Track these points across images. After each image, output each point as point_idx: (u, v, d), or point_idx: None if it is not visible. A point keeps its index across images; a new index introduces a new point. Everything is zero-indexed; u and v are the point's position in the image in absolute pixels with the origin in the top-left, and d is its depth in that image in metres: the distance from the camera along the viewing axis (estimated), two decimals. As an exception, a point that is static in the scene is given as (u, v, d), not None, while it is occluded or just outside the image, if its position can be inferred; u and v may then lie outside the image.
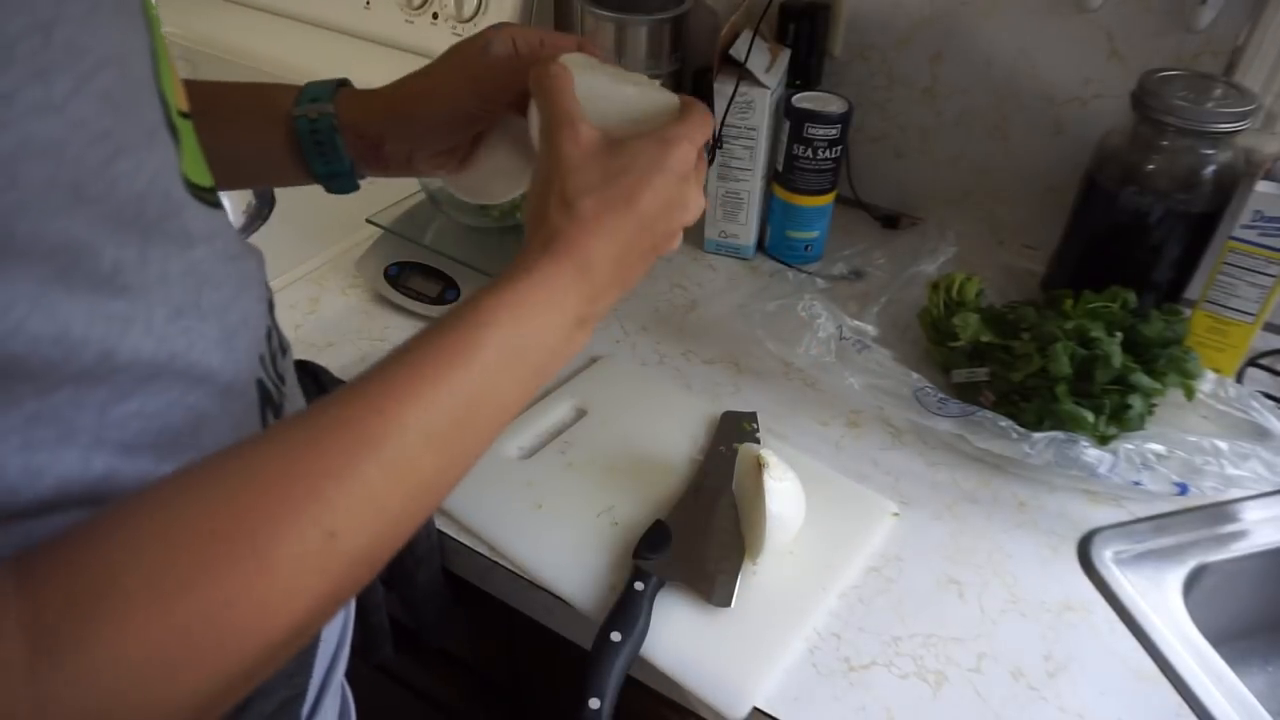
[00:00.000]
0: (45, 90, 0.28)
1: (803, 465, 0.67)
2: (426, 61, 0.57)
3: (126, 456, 0.35)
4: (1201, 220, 0.78)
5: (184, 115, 0.39)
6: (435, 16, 1.14)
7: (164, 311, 0.35)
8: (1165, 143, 0.77)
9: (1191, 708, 0.56)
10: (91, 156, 0.30)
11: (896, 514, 0.67)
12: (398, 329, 0.86)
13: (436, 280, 0.85)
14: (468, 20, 1.11)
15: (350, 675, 0.54)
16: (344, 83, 0.60)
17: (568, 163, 0.46)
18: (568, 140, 0.46)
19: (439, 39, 1.13)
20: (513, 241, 0.89)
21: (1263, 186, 0.73)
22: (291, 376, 0.50)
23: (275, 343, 0.46)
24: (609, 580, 0.62)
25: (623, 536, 0.64)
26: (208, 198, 0.40)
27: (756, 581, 0.62)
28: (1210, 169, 0.76)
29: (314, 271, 0.93)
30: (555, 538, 0.65)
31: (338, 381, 0.62)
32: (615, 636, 0.55)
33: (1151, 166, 0.78)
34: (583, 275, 0.44)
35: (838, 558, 0.63)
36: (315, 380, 0.61)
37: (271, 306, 0.48)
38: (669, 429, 0.74)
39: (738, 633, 0.58)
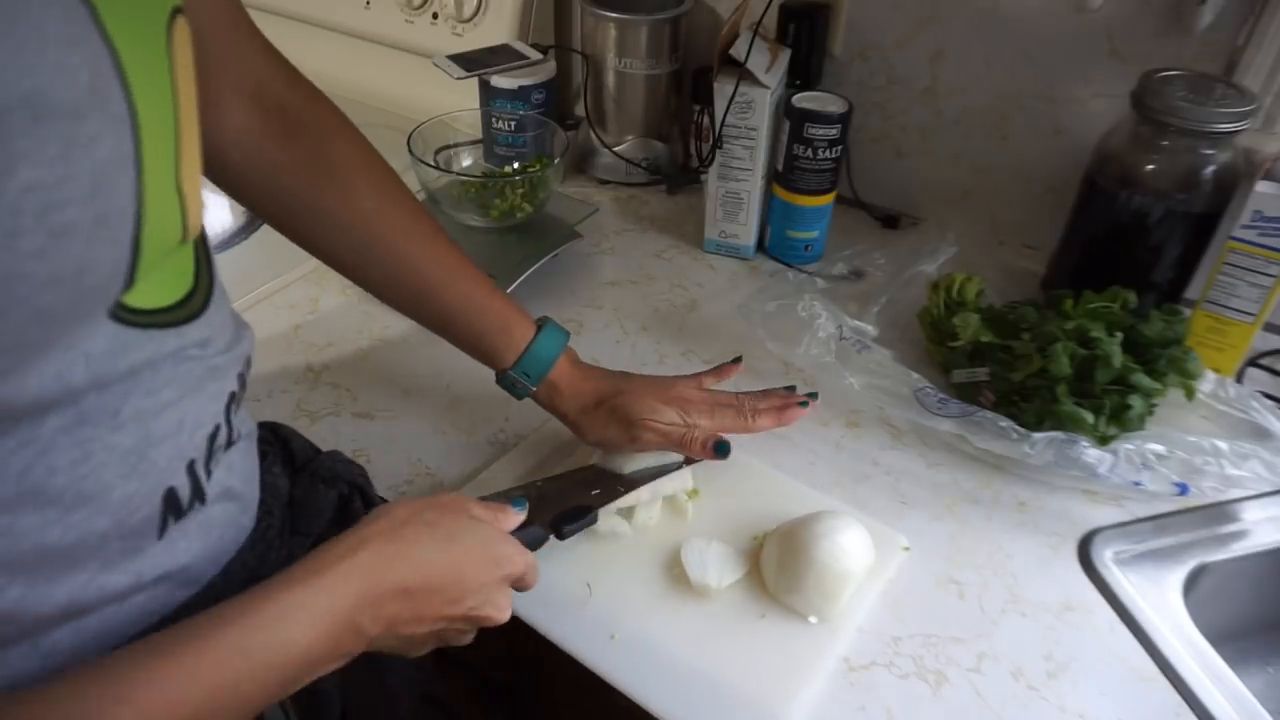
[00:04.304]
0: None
1: (813, 500, 0.67)
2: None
3: None
4: (1201, 220, 0.78)
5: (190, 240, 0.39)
6: (435, 16, 1.14)
7: (57, 422, 0.34)
8: (1165, 143, 0.77)
9: (1191, 708, 0.56)
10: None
11: (907, 548, 0.65)
12: (398, 329, 0.86)
13: (436, 280, 0.85)
14: (467, 20, 1.11)
15: (347, 673, 0.54)
16: (566, 341, 0.66)
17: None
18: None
19: (439, 39, 1.13)
20: (513, 241, 0.89)
21: (1263, 186, 0.73)
22: (242, 462, 0.48)
23: (221, 438, 0.45)
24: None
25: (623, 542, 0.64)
26: (176, 315, 0.39)
27: (769, 627, 0.59)
28: (1210, 169, 0.76)
29: (314, 271, 0.93)
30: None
31: (308, 447, 0.59)
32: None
33: (1151, 167, 0.78)
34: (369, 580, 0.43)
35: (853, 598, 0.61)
36: (285, 446, 0.58)
37: (235, 399, 0.47)
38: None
39: (748, 669, 0.57)
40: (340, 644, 0.42)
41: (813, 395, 0.68)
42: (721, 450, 0.62)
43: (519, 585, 0.53)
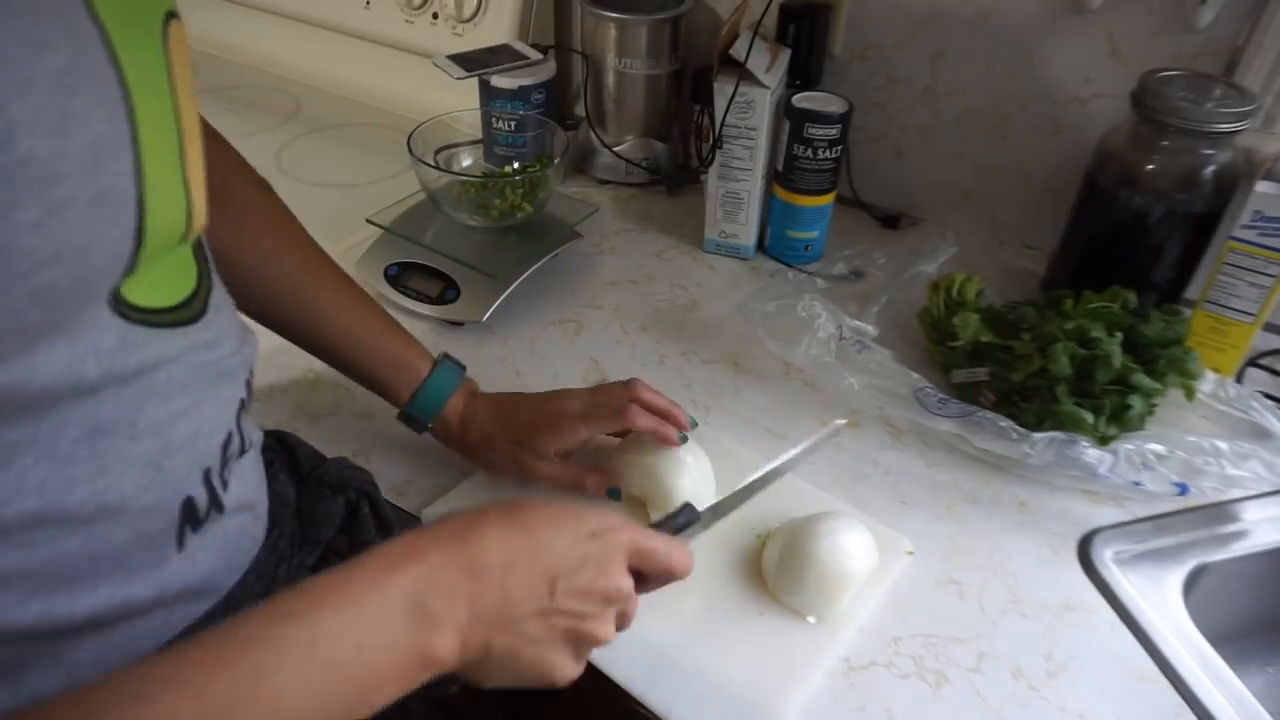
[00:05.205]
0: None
1: (818, 500, 0.67)
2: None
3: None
4: (1201, 220, 0.78)
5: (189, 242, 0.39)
6: (435, 16, 1.14)
7: (74, 433, 0.34)
8: (1165, 143, 0.77)
9: (1191, 708, 0.56)
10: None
11: (911, 552, 0.65)
12: (398, 329, 0.86)
13: (436, 280, 0.85)
14: (467, 20, 1.11)
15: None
16: (460, 380, 0.67)
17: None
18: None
19: (439, 39, 1.13)
20: (513, 241, 0.89)
21: (1263, 186, 0.73)
22: (253, 471, 0.48)
23: (234, 446, 0.44)
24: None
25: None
26: (179, 315, 0.39)
27: (768, 626, 0.59)
28: (1210, 169, 0.76)
29: (314, 271, 0.93)
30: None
31: (314, 454, 0.59)
32: None
33: (1151, 167, 0.78)
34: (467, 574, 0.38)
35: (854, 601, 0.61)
36: (291, 454, 0.58)
37: (244, 405, 0.46)
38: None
39: (747, 666, 0.57)
40: (401, 632, 0.36)
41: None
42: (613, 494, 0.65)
43: (645, 564, 0.45)
